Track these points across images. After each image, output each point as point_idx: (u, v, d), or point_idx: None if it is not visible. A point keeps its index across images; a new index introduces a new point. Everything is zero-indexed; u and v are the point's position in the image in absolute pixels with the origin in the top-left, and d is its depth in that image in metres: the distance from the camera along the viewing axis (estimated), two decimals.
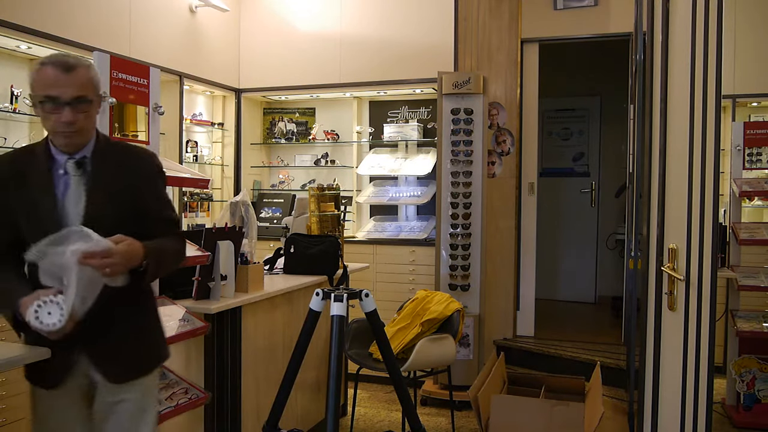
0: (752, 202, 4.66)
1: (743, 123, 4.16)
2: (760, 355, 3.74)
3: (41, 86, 1.64)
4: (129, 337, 1.79)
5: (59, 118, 1.64)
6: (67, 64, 1.64)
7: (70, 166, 1.70)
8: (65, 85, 1.63)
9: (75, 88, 1.64)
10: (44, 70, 1.64)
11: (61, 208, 1.69)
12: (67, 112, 1.63)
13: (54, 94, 1.63)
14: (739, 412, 3.77)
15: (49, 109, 1.64)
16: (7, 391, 3.13)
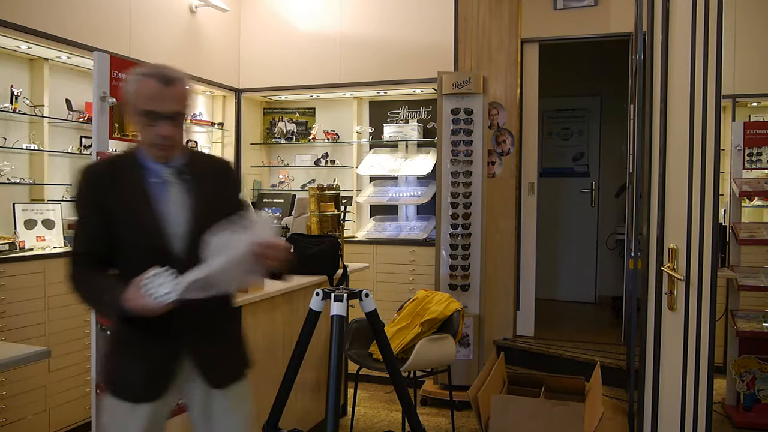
0: (752, 202, 4.65)
1: (743, 123, 4.16)
2: (760, 355, 3.74)
3: (142, 99, 1.65)
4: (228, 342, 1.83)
5: (157, 131, 1.66)
6: (167, 77, 1.66)
7: (168, 174, 1.73)
8: (165, 99, 1.65)
9: (174, 103, 1.67)
10: (146, 82, 1.65)
11: (161, 215, 1.71)
12: (165, 126, 1.66)
13: (154, 109, 1.65)
14: (739, 412, 3.77)
15: (148, 122, 1.66)
16: (7, 391, 3.13)
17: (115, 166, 1.78)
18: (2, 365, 1.78)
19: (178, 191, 1.74)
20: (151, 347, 1.73)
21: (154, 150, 1.71)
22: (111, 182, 1.73)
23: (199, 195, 1.76)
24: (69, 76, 3.92)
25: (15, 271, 3.17)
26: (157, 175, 1.73)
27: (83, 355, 3.53)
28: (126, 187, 1.73)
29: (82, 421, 3.53)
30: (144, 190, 1.72)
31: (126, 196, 1.72)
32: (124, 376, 1.76)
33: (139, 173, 1.73)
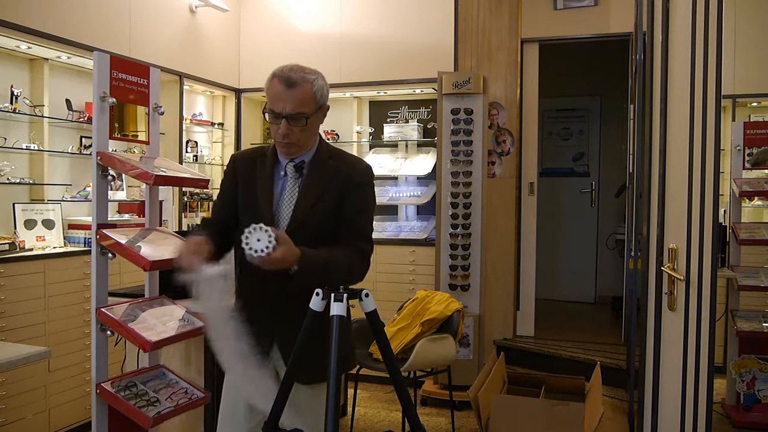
0: (752, 202, 4.65)
1: (743, 123, 4.16)
2: (760, 355, 3.74)
3: (269, 98, 1.79)
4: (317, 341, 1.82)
5: (277, 130, 1.78)
6: (290, 80, 1.76)
7: (289, 169, 1.86)
8: (285, 100, 1.75)
9: (293, 104, 1.76)
10: (272, 82, 1.78)
11: (276, 206, 1.86)
12: (283, 126, 1.77)
13: (275, 109, 1.76)
14: (739, 412, 3.77)
15: (271, 120, 1.79)
16: (7, 391, 3.13)
17: (259, 154, 1.94)
18: (2, 365, 1.79)
19: (292, 186, 1.86)
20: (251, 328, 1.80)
21: (279, 146, 1.86)
22: (247, 168, 1.92)
23: (308, 192, 1.84)
24: (69, 76, 3.92)
25: (15, 271, 3.17)
26: (283, 169, 1.88)
27: (83, 355, 3.53)
28: (258, 175, 1.89)
29: (82, 421, 3.53)
30: (269, 181, 1.87)
31: (255, 183, 1.88)
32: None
33: (272, 165, 1.90)
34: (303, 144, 1.84)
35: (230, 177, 1.96)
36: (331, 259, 1.75)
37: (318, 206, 1.83)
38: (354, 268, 1.83)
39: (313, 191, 1.84)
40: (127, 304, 2.37)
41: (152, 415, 2.20)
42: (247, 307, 1.86)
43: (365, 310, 1.62)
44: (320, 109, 1.84)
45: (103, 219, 2.30)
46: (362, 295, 1.60)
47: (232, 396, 1.93)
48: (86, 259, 3.51)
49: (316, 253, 1.71)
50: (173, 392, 2.36)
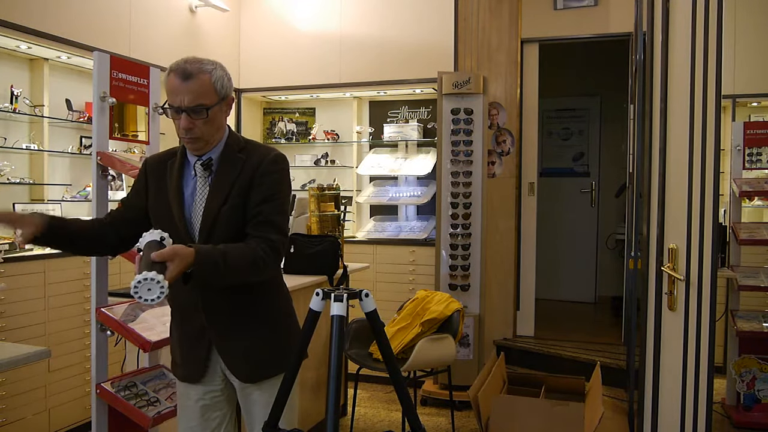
0: (752, 202, 4.65)
1: (743, 123, 4.16)
2: (760, 355, 3.74)
3: (167, 93, 1.74)
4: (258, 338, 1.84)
5: (179, 125, 1.73)
6: (185, 72, 1.73)
7: (197, 167, 1.79)
8: (182, 92, 1.71)
9: (191, 96, 1.71)
10: (169, 77, 1.74)
11: (188, 209, 1.79)
12: (184, 119, 1.71)
13: (173, 103, 1.72)
14: (739, 412, 3.77)
15: (172, 116, 1.74)
16: (7, 391, 3.13)
17: (168, 157, 1.87)
18: (2, 365, 1.78)
19: (203, 185, 1.79)
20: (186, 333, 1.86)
21: (185, 144, 1.79)
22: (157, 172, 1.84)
23: (217, 188, 1.77)
24: (69, 76, 3.92)
25: (15, 271, 3.17)
26: (192, 169, 1.81)
27: (83, 355, 3.53)
28: (169, 178, 1.82)
29: (82, 421, 3.53)
30: (178, 182, 1.80)
31: (166, 186, 1.81)
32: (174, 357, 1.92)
33: (181, 165, 1.82)
34: (208, 138, 1.75)
35: (141, 183, 1.87)
36: (228, 252, 1.63)
37: (228, 203, 1.74)
38: (258, 260, 1.68)
39: (222, 188, 1.75)
40: (127, 304, 2.37)
41: (152, 415, 2.20)
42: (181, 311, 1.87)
43: (365, 310, 1.62)
44: (223, 101, 1.77)
45: None
46: (362, 295, 1.59)
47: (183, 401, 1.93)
48: (86, 259, 3.51)
49: (212, 249, 1.62)
50: (173, 392, 2.36)
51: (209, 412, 1.89)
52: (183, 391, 1.92)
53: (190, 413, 1.90)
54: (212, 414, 1.89)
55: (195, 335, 1.84)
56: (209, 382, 1.87)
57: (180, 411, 1.95)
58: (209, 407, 1.89)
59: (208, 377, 1.87)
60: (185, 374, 1.89)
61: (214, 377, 1.87)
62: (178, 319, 1.90)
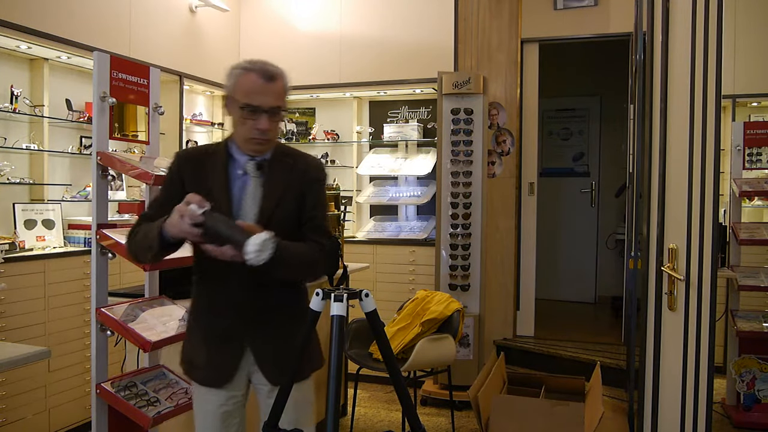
0: (752, 202, 4.65)
1: (743, 123, 4.16)
2: (760, 355, 3.74)
3: (243, 92, 1.70)
4: (290, 341, 1.84)
5: (256, 125, 1.71)
6: (269, 73, 1.71)
7: (250, 167, 1.78)
8: (267, 93, 1.70)
9: (274, 98, 1.71)
10: (248, 76, 1.70)
11: (237, 205, 1.78)
12: (264, 120, 1.70)
13: (255, 103, 1.69)
14: (739, 412, 3.77)
15: (248, 116, 1.70)
16: (7, 391, 3.13)
17: (208, 152, 1.84)
18: (2, 365, 1.78)
19: (255, 185, 1.79)
20: (214, 333, 1.82)
21: (250, 144, 1.76)
22: (192, 168, 1.80)
23: (271, 190, 1.78)
24: (69, 76, 3.92)
25: (15, 271, 3.17)
26: (240, 167, 1.79)
27: (83, 355, 3.53)
28: (209, 175, 1.78)
29: (82, 421, 3.53)
30: (224, 180, 1.78)
31: (206, 183, 1.77)
32: (193, 359, 1.87)
33: (225, 163, 1.79)
34: (273, 140, 1.80)
35: (175, 177, 1.83)
36: (298, 248, 1.73)
37: (282, 205, 1.79)
38: (316, 262, 1.81)
39: (276, 190, 1.79)
40: (127, 304, 2.37)
41: (152, 415, 2.20)
42: (211, 310, 1.84)
43: (365, 310, 1.62)
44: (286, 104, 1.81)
45: (103, 219, 2.30)
46: (362, 295, 1.60)
47: (203, 407, 1.89)
48: (86, 259, 3.51)
49: (290, 245, 1.68)
50: (173, 392, 2.36)
51: (230, 419, 1.86)
52: (204, 396, 1.87)
53: (210, 420, 1.85)
54: (233, 420, 1.86)
55: (226, 336, 1.81)
56: (233, 387, 1.84)
57: (200, 417, 1.89)
58: (230, 413, 1.85)
59: (234, 382, 1.83)
60: (208, 378, 1.84)
61: (239, 382, 1.85)
62: (206, 320, 1.85)
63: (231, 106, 1.75)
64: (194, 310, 1.90)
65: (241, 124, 1.73)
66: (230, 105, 1.75)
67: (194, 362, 1.88)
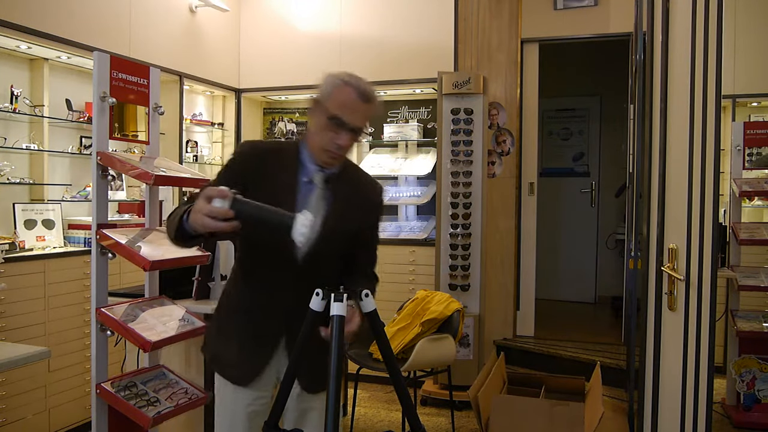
0: (752, 202, 4.65)
1: (743, 123, 4.16)
2: (760, 355, 3.74)
3: (336, 104, 1.66)
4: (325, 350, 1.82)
5: (337, 139, 1.68)
6: (367, 94, 1.68)
7: (318, 178, 1.75)
8: (359, 113, 1.67)
9: (363, 119, 1.69)
10: (345, 90, 1.67)
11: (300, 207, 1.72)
12: (346, 137, 1.68)
13: (345, 119, 1.66)
14: (739, 412, 3.77)
15: (332, 127, 1.67)
16: (7, 391, 3.13)
17: (277, 150, 1.80)
18: (2, 365, 1.79)
19: (319, 197, 1.76)
20: (250, 332, 1.81)
21: (323, 155, 1.72)
22: (265, 163, 1.75)
23: (334, 206, 1.76)
24: (69, 76, 3.92)
25: (15, 271, 3.17)
26: (308, 175, 1.76)
27: (83, 355, 3.53)
28: (278, 173, 1.75)
29: (82, 421, 3.53)
30: (292, 183, 1.75)
31: (273, 182, 1.73)
32: (222, 356, 1.86)
33: (295, 167, 1.76)
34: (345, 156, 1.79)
35: (236, 167, 1.77)
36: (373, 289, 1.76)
37: (342, 224, 1.77)
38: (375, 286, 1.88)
39: (339, 208, 1.78)
40: (127, 304, 2.37)
41: (152, 415, 2.20)
42: (252, 311, 1.82)
43: (365, 310, 1.62)
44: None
45: (103, 219, 2.30)
46: (362, 295, 1.60)
47: (230, 406, 1.88)
48: (86, 259, 3.51)
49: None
50: (173, 392, 2.36)
51: (258, 419, 1.84)
52: (230, 396, 1.85)
53: (237, 420, 1.84)
54: (259, 421, 1.84)
55: (263, 338, 1.80)
56: (261, 388, 1.84)
57: (224, 417, 1.87)
58: (258, 413, 1.84)
59: (262, 382, 1.83)
60: (238, 376, 1.83)
61: (268, 382, 1.84)
62: (244, 318, 1.82)
63: (317, 112, 1.71)
64: (230, 307, 1.87)
65: (322, 133, 1.69)
66: (317, 111, 1.71)
67: (223, 359, 1.86)
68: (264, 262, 1.77)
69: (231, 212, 1.45)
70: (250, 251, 1.83)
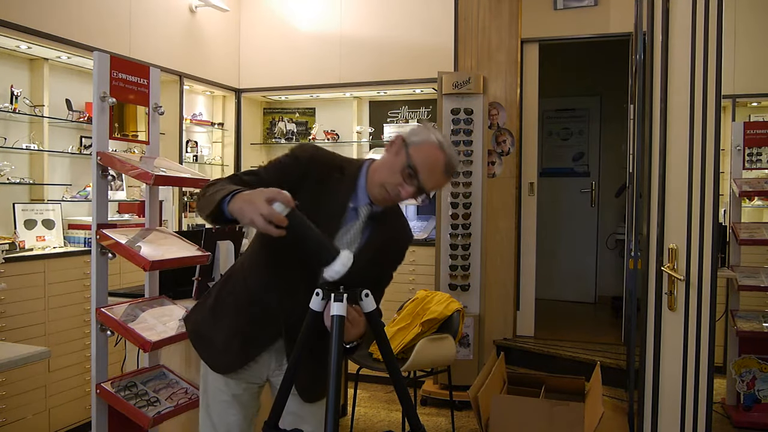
0: (752, 202, 4.65)
1: (743, 123, 4.16)
2: (760, 355, 3.74)
3: (421, 159, 1.62)
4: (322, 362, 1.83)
5: (401, 187, 1.64)
6: (452, 169, 1.66)
7: (364, 211, 1.73)
8: (435, 180, 1.65)
9: (435, 186, 1.67)
10: (437, 154, 1.63)
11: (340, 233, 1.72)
12: (410, 191, 1.64)
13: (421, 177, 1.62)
14: (739, 412, 3.77)
15: (404, 175, 1.63)
16: (7, 391, 3.13)
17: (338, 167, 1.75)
18: (2, 365, 1.79)
19: (359, 228, 1.74)
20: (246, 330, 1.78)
21: (380, 193, 1.69)
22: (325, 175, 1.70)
23: (369, 242, 1.74)
24: (69, 76, 3.92)
25: (15, 271, 3.17)
26: (356, 203, 1.73)
27: (83, 355, 3.53)
28: (329, 190, 1.70)
29: (82, 421, 3.53)
30: (342, 205, 1.72)
31: (322, 198, 1.70)
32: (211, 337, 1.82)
33: (350, 189, 1.72)
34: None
35: (298, 168, 1.70)
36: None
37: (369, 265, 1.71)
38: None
39: (371, 248, 1.75)
40: (127, 304, 2.37)
41: (152, 415, 2.20)
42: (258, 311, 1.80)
43: (365, 310, 1.62)
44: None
45: (103, 219, 2.30)
46: (362, 295, 1.59)
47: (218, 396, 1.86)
48: (86, 259, 3.51)
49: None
50: (173, 392, 2.36)
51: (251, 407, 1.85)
52: (216, 385, 1.84)
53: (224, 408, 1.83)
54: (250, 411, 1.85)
55: (257, 338, 1.79)
56: (249, 379, 1.83)
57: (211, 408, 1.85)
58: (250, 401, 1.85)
59: (243, 375, 1.82)
60: (226, 363, 1.80)
61: (257, 375, 1.84)
62: (245, 317, 1.80)
63: (398, 150, 1.66)
64: (234, 293, 1.83)
65: (392, 172, 1.65)
66: (398, 149, 1.66)
67: (205, 338, 1.83)
68: (283, 265, 1.73)
69: (285, 221, 1.42)
70: (272, 251, 1.79)
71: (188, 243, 2.47)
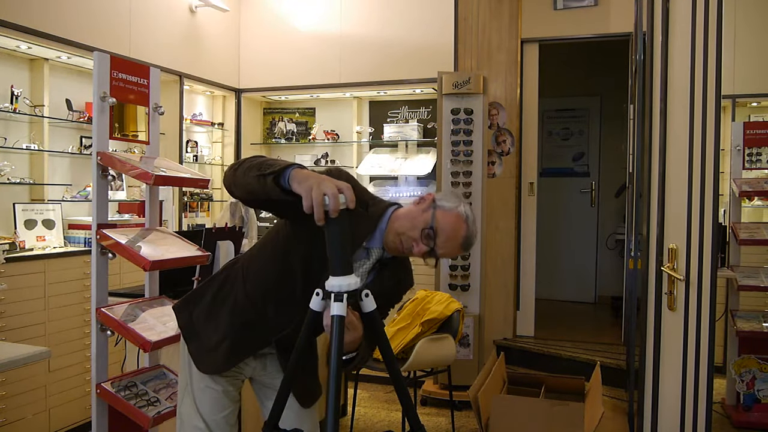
0: (752, 202, 4.65)
1: (743, 123, 4.16)
2: (760, 355, 3.74)
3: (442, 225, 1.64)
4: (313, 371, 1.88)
5: (415, 244, 1.65)
6: (469, 243, 1.68)
7: (375, 253, 1.73)
8: (450, 248, 1.66)
9: (447, 254, 1.68)
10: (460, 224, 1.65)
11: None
12: (422, 250, 1.65)
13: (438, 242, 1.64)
14: (739, 412, 3.77)
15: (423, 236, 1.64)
16: (7, 391, 3.13)
17: (366, 202, 1.77)
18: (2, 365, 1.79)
19: (365, 271, 1.75)
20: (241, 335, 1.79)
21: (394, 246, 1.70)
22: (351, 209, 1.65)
23: (374, 286, 1.69)
24: (69, 76, 3.92)
25: (15, 271, 3.17)
26: (370, 244, 1.74)
27: (83, 355, 3.53)
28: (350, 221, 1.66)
29: (82, 421, 3.53)
30: (355, 240, 1.70)
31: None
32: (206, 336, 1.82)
33: (369, 228, 1.73)
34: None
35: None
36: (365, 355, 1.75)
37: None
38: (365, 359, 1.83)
39: (376, 288, 1.68)
40: (127, 304, 2.37)
41: (152, 415, 2.20)
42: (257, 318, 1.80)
43: (365, 310, 1.62)
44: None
45: (103, 219, 2.30)
46: (362, 295, 1.59)
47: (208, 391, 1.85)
48: (86, 259, 3.51)
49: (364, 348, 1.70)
50: (173, 392, 2.36)
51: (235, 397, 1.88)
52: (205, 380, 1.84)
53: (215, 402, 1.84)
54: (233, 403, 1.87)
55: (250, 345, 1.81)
56: (232, 377, 1.85)
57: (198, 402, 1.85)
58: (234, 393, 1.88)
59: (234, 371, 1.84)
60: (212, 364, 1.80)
61: (238, 375, 1.86)
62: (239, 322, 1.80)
63: (426, 210, 1.67)
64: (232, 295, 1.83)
65: (412, 226, 1.66)
66: (427, 209, 1.67)
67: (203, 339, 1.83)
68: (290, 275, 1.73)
69: (337, 212, 1.41)
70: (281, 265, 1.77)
71: (188, 243, 2.47)
